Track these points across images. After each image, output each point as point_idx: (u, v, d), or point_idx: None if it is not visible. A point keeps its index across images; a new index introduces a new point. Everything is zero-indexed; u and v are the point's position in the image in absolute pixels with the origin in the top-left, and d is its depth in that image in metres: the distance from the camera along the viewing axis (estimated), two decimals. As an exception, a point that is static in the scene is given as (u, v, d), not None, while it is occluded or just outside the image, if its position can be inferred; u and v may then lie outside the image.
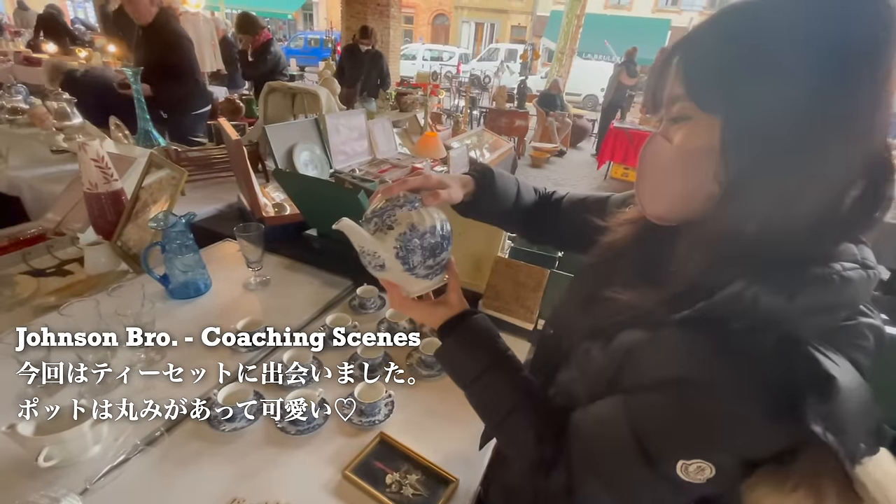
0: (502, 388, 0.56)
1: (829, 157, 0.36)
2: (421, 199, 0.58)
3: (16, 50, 5.35)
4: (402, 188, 0.58)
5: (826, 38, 0.34)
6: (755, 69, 0.37)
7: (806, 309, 0.37)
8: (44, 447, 0.66)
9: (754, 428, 0.38)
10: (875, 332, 0.40)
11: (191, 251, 1.15)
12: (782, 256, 0.38)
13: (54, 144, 1.95)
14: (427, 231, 0.56)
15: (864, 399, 0.37)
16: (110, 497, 0.67)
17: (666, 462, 0.41)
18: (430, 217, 0.57)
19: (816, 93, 0.35)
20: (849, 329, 0.40)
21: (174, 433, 0.79)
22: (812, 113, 0.35)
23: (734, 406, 0.38)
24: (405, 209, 0.57)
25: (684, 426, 0.41)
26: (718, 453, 0.40)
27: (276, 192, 1.75)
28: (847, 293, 0.37)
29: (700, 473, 0.40)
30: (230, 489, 0.70)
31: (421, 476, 0.75)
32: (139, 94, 2.11)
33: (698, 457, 0.40)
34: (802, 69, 0.35)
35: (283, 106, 2.37)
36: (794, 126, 0.36)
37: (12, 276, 1.22)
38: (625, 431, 0.43)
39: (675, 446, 0.42)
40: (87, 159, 1.29)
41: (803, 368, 0.36)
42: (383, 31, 8.08)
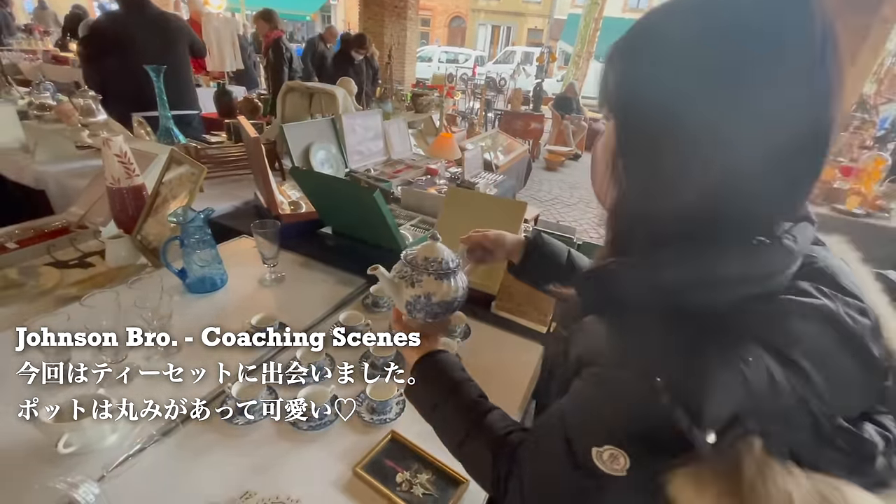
0: (457, 416, 0.59)
1: (694, 162, 0.39)
2: (463, 261, 0.74)
3: (44, 49, 5.52)
4: (466, 242, 0.80)
5: (701, 56, 0.37)
6: (638, 83, 0.41)
7: (686, 283, 0.39)
8: (63, 434, 0.68)
9: (647, 410, 0.38)
10: (820, 313, 0.38)
11: (208, 246, 1.17)
12: (667, 238, 0.42)
13: (79, 140, 2.00)
14: (438, 302, 0.67)
15: (788, 391, 0.35)
16: (127, 484, 0.68)
17: (584, 453, 0.42)
18: (448, 291, 0.68)
19: (681, 112, 0.38)
20: (766, 309, 0.39)
21: (189, 424, 0.80)
22: (677, 130, 0.39)
23: (623, 385, 0.40)
24: (433, 276, 0.67)
25: (587, 408, 0.44)
26: (624, 438, 0.40)
27: (292, 191, 1.77)
28: (734, 266, 0.38)
29: (615, 462, 0.40)
30: (242, 482, 0.71)
31: (431, 476, 0.75)
32: (161, 92, 2.15)
33: (608, 442, 0.40)
34: (672, 91, 0.38)
35: (301, 105, 2.40)
36: (663, 139, 0.40)
37: (37, 267, 1.25)
38: (559, 432, 0.46)
39: (586, 432, 0.43)
40: (110, 154, 1.32)
41: (686, 351, 0.37)
42: (400, 33, 8.13)
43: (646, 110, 0.41)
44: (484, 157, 2.49)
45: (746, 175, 0.38)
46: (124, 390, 0.86)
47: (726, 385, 0.35)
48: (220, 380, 0.89)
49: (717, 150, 0.38)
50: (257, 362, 0.96)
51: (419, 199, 1.68)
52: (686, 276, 0.39)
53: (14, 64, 4.55)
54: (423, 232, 1.52)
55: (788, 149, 0.36)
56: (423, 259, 0.69)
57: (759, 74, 0.35)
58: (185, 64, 2.76)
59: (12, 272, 1.20)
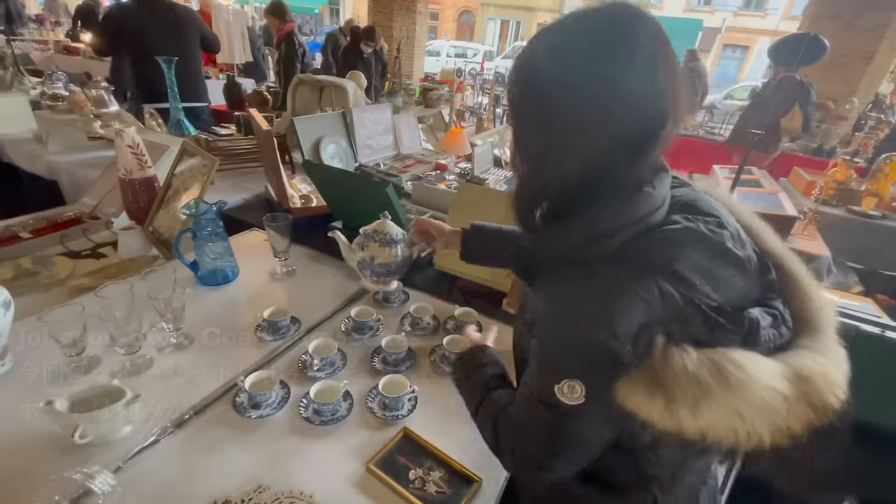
0: (473, 388, 0.70)
1: (569, 152, 0.51)
2: (409, 240, 0.98)
3: (55, 39, 5.53)
4: (415, 226, 0.98)
5: (563, 74, 0.49)
6: (523, 97, 0.53)
7: (582, 241, 0.50)
8: (79, 425, 0.68)
9: (582, 343, 0.49)
10: (685, 232, 0.49)
11: (220, 239, 1.17)
12: (560, 210, 0.55)
13: (91, 131, 2.01)
14: (379, 263, 0.94)
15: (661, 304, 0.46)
16: (141, 475, 0.69)
17: (548, 393, 0.50)
18: (388, 256, 0.94)
19: (554, 115, 0.50)
20: (648, 241, 0.49)
21: (202, 417, 0.80)
22: (553, 129, 0.51)
23: (561, 330, 0.52)
24: (383, 244, 0.92)
25: (542, 357, 0.55)
26: (574, 370, 0.49)
27: (302, 184, 1.77)
28: (614, 219, 0.49)
29: (573, 392, 0.49)
30: (255, 475, 0.71)
31: (444, 474, 0.74)
32: (173, 84, 2.15)
33: (563, 377, 0.50)
34: (545, 102, 0.51)
35: (311, 99, 2.39)
36: (534, 144, 0.54)
37: (50, 256, 1.26)
38: (528, 386, 0.56)
39: (545, 375, 0.53)
40: (123, 146, 1.32)
41: (599, 290, 0.48)
42: (409, 26, 8.09)
43: (529, 117, 0.53)
44: (493, 152, 2.47)
45: (608, 154, 0.49)
46: (138, 382, 0.86)
47: (629, 306, 0.46)
48: (233, 373, 0.90)
49: (585, 141, 0.49)
50: (270, 356, 0.96)
51: (429, 194, 1.67)
52: (580, 236, 0.50)
53: (25, 54, 4.57)
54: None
55: (636, 133, 0.48)
56: (373, 231, 0.95)
57: (607, 85, 0.47)
58: (196, 55, 2.76)
59: (26, 261, 1.21)
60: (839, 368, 0.50)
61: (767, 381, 0.45)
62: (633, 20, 0.47)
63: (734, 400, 0.44)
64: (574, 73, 0.48)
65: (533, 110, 0.52)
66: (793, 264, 0.58)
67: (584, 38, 0.48)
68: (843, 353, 0.52)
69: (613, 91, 0.47)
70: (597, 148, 0.49)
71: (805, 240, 2.21)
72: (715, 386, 0.44)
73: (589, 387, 0.48)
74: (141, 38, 2.40)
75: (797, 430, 0.45)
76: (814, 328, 0.53)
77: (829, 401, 0.46)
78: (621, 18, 0.47)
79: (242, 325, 1.05)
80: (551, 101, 0.50)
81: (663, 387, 0.45)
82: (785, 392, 0.45)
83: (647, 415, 0.46)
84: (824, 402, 0.46)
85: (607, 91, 0.47)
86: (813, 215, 2.27)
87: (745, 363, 0.45)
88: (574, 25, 0.49)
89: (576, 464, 0.56)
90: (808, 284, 0.56)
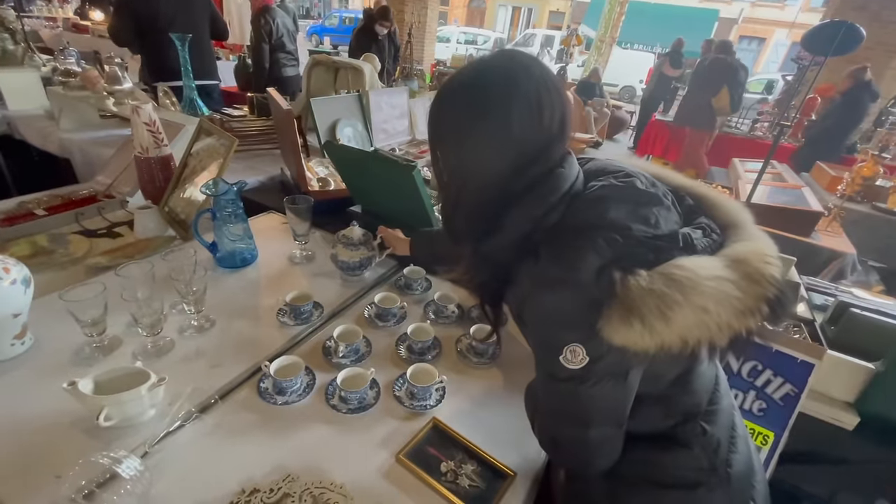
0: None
1: (475, 186, 0.61)
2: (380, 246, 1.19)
3: (64, 17, 5.47)
4: (380, 232, 1.19)
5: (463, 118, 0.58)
6: (440, 131, 0.62)
7: (525, 229, 0.58)
8: (103, 407, 0.66)
9: (562, 306, 0.55)
10: (602, 190, 0.58)
11: (240, 220, 1.14)
12: (498, 211, 0.60)
13: (104, 108, 1.97)
14: (342, 261, 1.12)
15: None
16: (166, 461, 0.67)
17: (557, 365, 0.55)
18: (349, 256, 1.12)
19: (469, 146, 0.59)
20: (576, 208, 0.58)
21: (226, 402, 0.78)
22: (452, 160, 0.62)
23: (541, 304, 0.57)
24: (346, 246, 1.12)
25: (538, 337, 0.60)
26: (568, 335, 0.54)
27: (318, 167, 1.73)
28: (541, 202, 0.57)
29: (576, 356, 0.54)
30: (282, 463, 0.68)
31: (477, 467, 0.72)
32: (186, 62, 2.10)
33: (563, 345, 0.54)
34: (451, 141, 0.61)
35: (326, 80, 2.34)
36: (449, 170, 0.63)
37: (66, 235, 1.23)
38: (539, 367, 0.62)
39: (548, 350, 0.57)
40: (139, 123, 1.29)
41: (572, 261, 0.54)
42: (420, 11, 7.94)
43: (448, 148, 0.62)
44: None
45: (514, 172, 0.58)
46: (160, 364, 0.84)
47: (584, 259, 0.52)
48: (256, 357, 0.87)
49: (493, 168, 0.59)
50: (293, 341, 0.94)
51: (449, 180, 1.63)
52: (528, 224, 0.58)
53: (35, 31, 4.52)
54: (455, 214, 1.47)
55: (533, 153, 0.58)
56: (341, 235, 1.13)
57: (501, 121, 0.56)
58: (205, 31, 2.70)
59: (42, 239, 1.18)
60: (766, 244, 0.57)
61: (712, 273, 0.51)
62: (514, 73, 0.56)
63: (692, 297, 0.49)
64: (465, 127, 0.58)
65: (446, 153, 0.62)
66: (702, 189, 0.67)
67: (470, 102, 0.57)
68: (765, 236, 0.59)
69: (503, 136, 0.56)
70: (504, 171, 0.58)
71: (829, 236, 2.16)
72: (671, 291, 0.49)
73: (586, 343, 0.54)
74: (155, 13, 2.35)
75: (753, 305, 0.51)
76: (737, 226, 0.61)
77: (767, 271, 0.52)
78: (503, 75, 0.56)
79: (263, 308, 1.02)
80: (456, 143, 0.60)
81: (632, 311, 0.49)
82: (729, 277, 0.51)
83: (633, 343, 0.50)
84: (763, 273, 0.52)
85: (505, 109, 0.55)
86: (838, 211, 2.21)
87: (688, 264, 0.51)
88: (467, 85, 0.58)
89: (610, 432, 0.60)
90: (718, 197, 0.66)
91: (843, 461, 1.15)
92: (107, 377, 0.71)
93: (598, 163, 0.66)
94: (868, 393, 1.12)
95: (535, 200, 0.58)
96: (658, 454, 0.64)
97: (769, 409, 1.15)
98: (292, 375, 0.80)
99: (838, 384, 1.15)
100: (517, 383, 0.90)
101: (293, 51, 3.77)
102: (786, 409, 1.14)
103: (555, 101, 0.57)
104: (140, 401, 0.69)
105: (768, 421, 1.16)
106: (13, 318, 0.79)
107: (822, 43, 1.91)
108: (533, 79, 0.56)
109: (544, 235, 0.58)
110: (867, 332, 1.17)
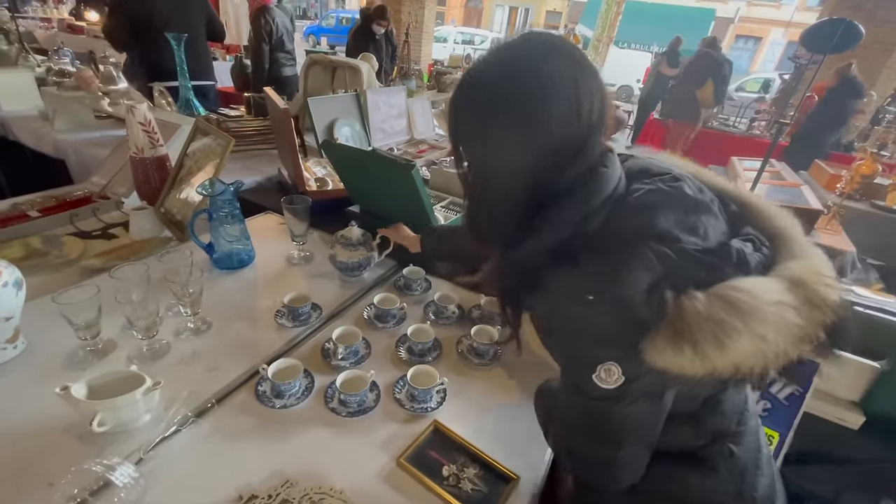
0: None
1: (504, 183, 0.56)
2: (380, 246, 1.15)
3: (59, 17, 5.44)
4: (382, 232, 1.17)
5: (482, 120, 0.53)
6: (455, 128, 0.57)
7: (563, 234, 0.53)
8: (97, 412, 0.64)
9: (615, 325, 0.49)
10: (648, 196, 0.53)
11: (237, 221, 1.12)
12: (534, 216, 0.54)
13: (99, 108, 1.95)
14: (339, 261, 1.11)
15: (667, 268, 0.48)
16: (162, 467, 0.65)
17: (588, 383, 0.51)
18: (348, 256, 1.10)
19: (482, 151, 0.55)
20: (623, 214, 0.53)
21: (223, 406, 0.76)
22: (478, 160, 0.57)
23: (580, 318, 0.52)
24: (345, 246, 1.10)
25: (571, 351, 0.56)
26: (605, 352, 0.50)
27: (316, 167, 1.71)
28: (582, 205, 0.52)
29: (611, 375, 0.50)
30: (280, 468, 0.67)
31: (479, 471, 0.70)
32: (182, 62, 2.09)
33: (598, 363, 0.50)
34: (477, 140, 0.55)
35: (323, 80, 2.33)
36: (474, 170, 0.58)
37: (60, 236, 1.21)
38: (565, 382, 0.58)
39: (580, 367, 0.53)
40: (134, 123, 1.27)
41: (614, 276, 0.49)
42: (418, 11, 7.92)
43: (473, 146, 0.57)
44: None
45: (554, 167, 0.52)
46: (155, 367, 0.83)
47: (633, 274, 0.48)
48: (254, 360, 0.86)
49: (535, 156, 0.52)
50: (291, 343, 0.92)
51: (449, 179, 1.62)
52: (566, 229, 0.53)
53: (29, 32, 4.49)
54: (454, 214, 1.46)
55: (576, 138, 0.51)
56: (339, 236, 1.11)
57: (534, 122, 0.50)
58: (201, 31, 2.67)
59: (35, 241, 1.17)
60: (822, 263, 0.53)
61: (772, 297, 0.46)
62: (544, 57, 0.50)
63: (753, 325, 0.45)
64: (491, 121, 0.52)
65: (471, 150, 0.57)
66: (747, 195, 0.63)
67: (496, 94, 0.51)
68: (819, 251, 0.54)
69: (545, 102, 0.49)
70: (539, 169, 0.52)
71: (829, 234, 2.16)
72: (730, 317, 0.45)
73: (623, 362, 0.50)
74: (150, 13, 2.33)
75: (812, 332, 0.47)
76: (787, 239, 0.56)
77: (828, 295, 0.48)
78: (549, 49, 0.50)
79: (261, 310, 1.01)
80: (488, 134, 0.53)
81: (684, 336, 0.46)
82: (790, 302, 0.47)
83: (679, 367, 0.46)
84: (824, 298, 0.48)
85: (540, 103, 0.49)
86: (837, 209, 2.21)
87: (748, 287, 0.47)
88: (493, 74, 0.52)
89: (640, 452, 0.56)
90: (766, 205, 0.61)
91: (849, 461, 1.14)
92: (101, 381, 0.69)
93: (639, 161, 0.61)
94: (874, 392, 1.11)
95: (574, 203, 0.52)
96: (683, 471, 0.61)
97: (774, 410, 1.14)
98: (291, 378, 0.78)
99: (843, 383, 1.14)
100: (520, 384, 0.89)
101: (292, 50, 3.75)
102: (791, 408, 1.13)
103: (593, 87, 0.51)
104: (135, 405, 0.67)
105: (773, 421, 1.15)
106: (5, 321, 0.77)
107: (821, 41, 1.90)
108: (569, 64, 0.50)
109: (583, 241, 0.52)
110: (870, 330, 1.16)
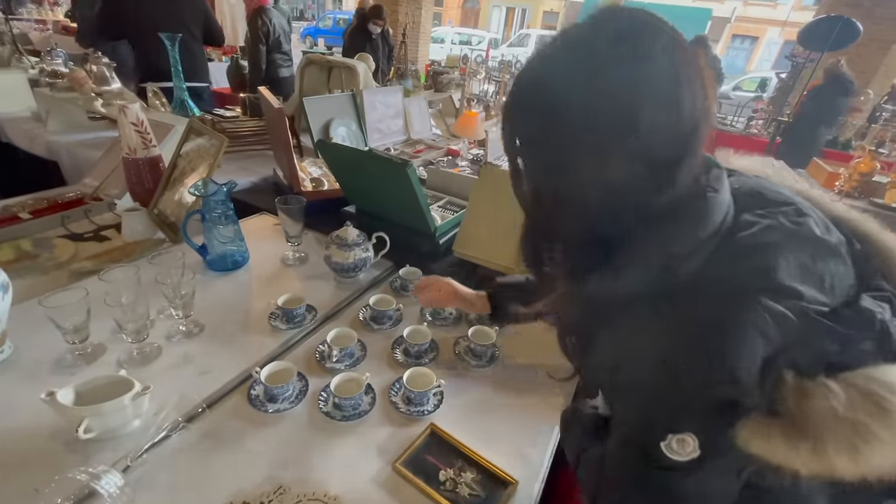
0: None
1: (596, 187, 0.43)
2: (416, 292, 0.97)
3: (54, 19, 5.42)
4: (421, 286, 0.95)
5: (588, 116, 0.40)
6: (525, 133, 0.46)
7: (656, 269, 0.42)
8: (84, 418, 0.62)
9: (704, 398, 0.40)
10: (768, 234, 0.42)
11: (231, 222, 1.10)
12: (616, 246, 0.44)
13: (92, 109, 1.93)
14: (335, 262, 1.08)
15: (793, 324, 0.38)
16: (151, 474, 0.63)
17: (654, 450, 0.42)
18: (344, 257, 1.06)
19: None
20: (732, 258, 0.41)
21: (215, 410, 0.75)
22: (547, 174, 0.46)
23: (659, 380, 0.42)
24: (340, 247, 1.07)
25: (641, 413, 0.46)
26: (686, 423, 0.41)
27: (312, 167, 1.70)
28: (685, 237, 0.41)
29: (685, 446, 0.41)
30: (273, 474, 0.65)
31: (477, 475, 0.69)
32: (177, 62, 2.07)
33: (670, 431, 0.42)
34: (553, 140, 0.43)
35: (319, 79, 2.31)
36: (539, 189, 0.48)
37: (51, 238, 1.19)
38: (628, 447, 0.48)
39: (647, 432, 0.44)
40: (126, 123, 1.25)
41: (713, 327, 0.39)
42: (415, 11, 7.91)
43: (538, 160, 0.46)
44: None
45: (650, 168, 0.40)
46: (146, 372, 0.81)
47: (743, 341, 0.38)
48: (247, 363, 0.84)
49: (622, 171, 0.41)
50: (285, 346, 0.91)
51: (446, 179, 1.60)
52: (654, 266, 0.42)
53: (24, 34, 4.46)
54: (452, 214, 1.44)
55: (675, 147, 0.40)
56: (335, 236, 1.08)
57: (629, 100, 0.39)
58: (196, 33, 2.65)
59: (26, 243, 1.15)
60: None
61: None
62: (645, 32, 0.40)
63: None
64: (595, 96, 0.40)
65: (552, 147, 0.43)
66: (868, 226, 0.49)
67: (602, 62, 0.40)
68: None
69: (638, 103, 0.39)
70: (627, 188, 0.41)
71: (828, 232, 2.15)
72: (877, 426, 0.35)
73: (703, 438, 0.41)
74: (142, 14, 2.31)
75: None
76: None
77: None
78: (637, 33, 0.40)
79: (255, 312, 0.99)
80: (575, 130, 0.41)
81: (807, 432, 0.37)
82: None
83: (782, 461, 0.38)
84: None
85: (631, 105, 0.39)
86: (836, 207, 2.20)
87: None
88: (562, 67, 0.42)
89: None
90: (894, 241, 0.48)
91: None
92: (89, 387, 0.67)
93: (748, 182, 0.48)
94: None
95: (672, 234, 0.41)
96: None
97: None
98: (284, 382, 0.77)
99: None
100: (518, 386, 0.87)
101: (288, 51, 3.74)
102: None
103: (695, 79, 0.40)
104: (123, 411, 0.66)
105: None
106: (-9, 325, 0.76)
107: (819, 38, 1.90)
108: (667, 48, 0.39)
109: (677, 285, 0.42)
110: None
